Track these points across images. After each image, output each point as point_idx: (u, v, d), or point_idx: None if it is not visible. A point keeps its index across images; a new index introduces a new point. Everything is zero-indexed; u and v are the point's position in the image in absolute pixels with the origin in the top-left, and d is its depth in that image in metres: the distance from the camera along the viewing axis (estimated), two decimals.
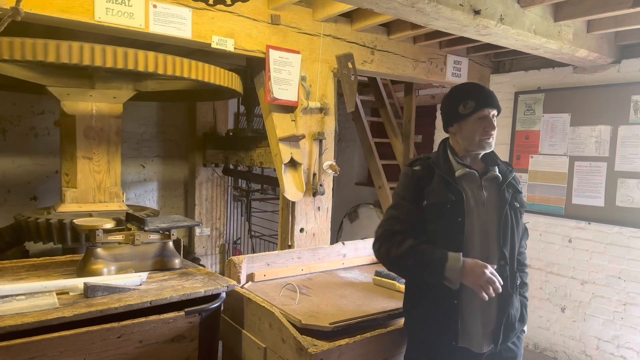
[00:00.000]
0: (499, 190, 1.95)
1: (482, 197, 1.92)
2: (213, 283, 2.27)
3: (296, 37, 3.34)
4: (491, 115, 1.93)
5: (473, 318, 1.88)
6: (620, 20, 3.16)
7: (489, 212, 1.92)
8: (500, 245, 1.91)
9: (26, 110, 4.26)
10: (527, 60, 4.44)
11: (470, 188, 1.92)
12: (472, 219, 1.89)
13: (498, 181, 1.96)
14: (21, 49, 2.35)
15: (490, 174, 1.95)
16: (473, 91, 1.97)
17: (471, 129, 1.93)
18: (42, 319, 1.75)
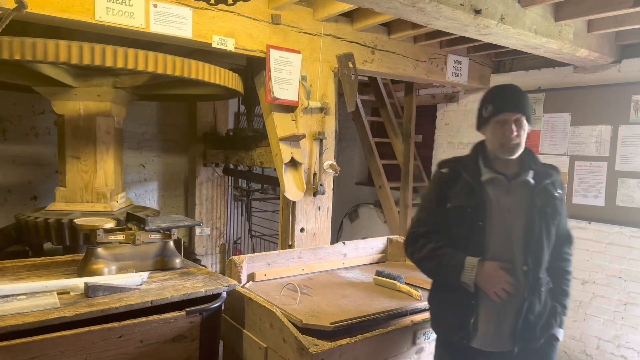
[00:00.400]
0: (529, 195, 1.90)
1: (508, 202, 1.90)
2: (214, 283, 2.27)
3: (297, 36, 3.34)
4: (513, 120, 1.86)
5: (487, 319, 1.90)
6: (620, 20, 3.16)
7: (516, 216, 1.89)
8: (525, 251, 1.88)
9: (27, 110, 4.26)
10: (527, 60, 4.44)
11: (495, 192, 1.91)
12: (494, 223, 1.89)
13: (529, 186, 1.91)
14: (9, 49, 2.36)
15: (520, 179, 1.91)
16: (495, 94, 1.95)
17: (492, 133, 1.92)
18: (43, 318, 1.75)
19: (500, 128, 1.88)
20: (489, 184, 1.91)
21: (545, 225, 1.89)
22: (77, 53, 2.48)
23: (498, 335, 1.90)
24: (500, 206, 1.89)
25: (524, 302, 1.86)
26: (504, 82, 4.53)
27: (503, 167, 1.94)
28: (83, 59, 2.49)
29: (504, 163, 1.94)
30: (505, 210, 1.89)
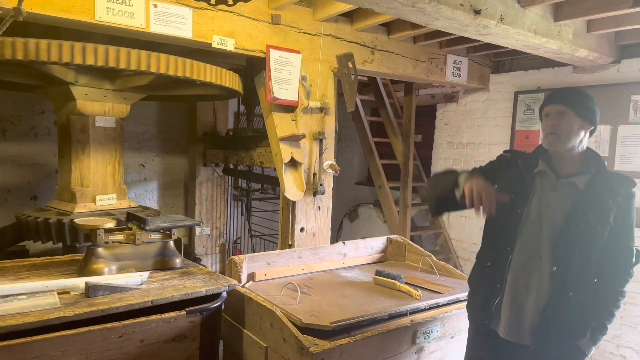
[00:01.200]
0: (574, 198, 1.88)
1: (550, 197, 1.92)
2: (214, 282, 2.27)
3: (296, 36, 3.34)
4: (555, 112, 1.90)
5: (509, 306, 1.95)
6: (620, 20, 3.17)
7: (554, 214, 1.90)
8: (556, 251, 1.88)
9: (26, 109, 4.26)
10: (527, 60, 4.45)
11: (541, 186, 1.95)
12: (531, 215, 1.94)
13: (575, 188, 1.90)
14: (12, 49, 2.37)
15: (569, 180, 1.91)
16: (551, 91, 2.07)
17: (542, 126, 1.99)
18: (43, 318, 1.76)
19: (546, 120, 1.94)
20: (538, 177, 1.96)
21: (584, 231, 1.85)
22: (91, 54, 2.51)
23: (518, 326, 1.94)
24: (541, 200, 1.93)
25: (548, 300, 1.88)
26: (503, 82, 4.57)
27: (559, 165, 1.94)
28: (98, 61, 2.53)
29: (561, 160, 1.94)
30: (545, 205, 1.92)
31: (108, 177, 3.35)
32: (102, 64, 2.53)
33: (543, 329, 1.88)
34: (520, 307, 1.93)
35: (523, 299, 1.93)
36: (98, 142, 3.27)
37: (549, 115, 1.93)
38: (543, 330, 1.89)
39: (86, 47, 2.49)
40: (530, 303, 1.92)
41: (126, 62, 2.60)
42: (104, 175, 3.32)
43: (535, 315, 1.90)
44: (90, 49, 2.50)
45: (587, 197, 1.87)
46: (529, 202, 1.93)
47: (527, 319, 1.92)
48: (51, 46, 2.42)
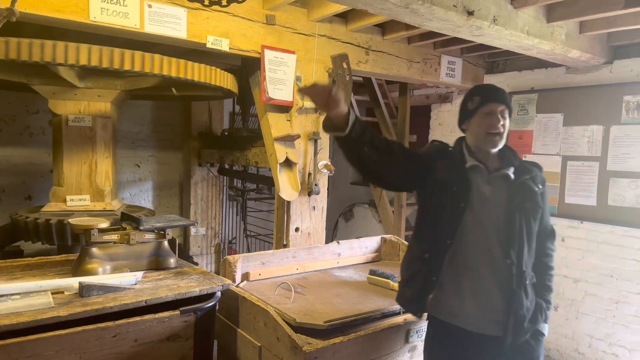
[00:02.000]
0: (508, 189, 1.96)
1: (487, 190, 1.96)
2: (208, 282, 2.28)
3: (291, 37, 3.35)
4: (498, 111, 1.95)
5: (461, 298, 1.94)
6: (612, 21, 3.19)
7: (494, 208, 1.94)
8: (506, 244, 1.91)
9: (21, 109, 4.25)
10: (520, 61, 4.47)
11: (476, 180, 1.97)
12: (474, 209, 1.94)
13: (508, 180, 1.97)
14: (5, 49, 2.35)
15: (501, 172, 1.98)
16: (481, 88, 2.07)
17: (478, 124, 1.98)
18: (37, 318, 1.76)
19: (487, 118, 1.95)
20: (471, 171, 1.98)
21: (526, 220, 1.94)
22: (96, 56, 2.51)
23: (485, 318, 1.92)
24: (480, 193, 1.95)
25: (512, 294, 1.90)
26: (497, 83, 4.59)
27: (484, 159, 2.00)
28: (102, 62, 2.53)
29: (485, 156, 2.01)
30: (484, 198, 1.95)
31: (83, 178, 3.29)
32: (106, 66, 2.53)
33: (516, 325, 1.90)
34: (484, 299, 1.92)
35: (485, 292, 1.92)
36: (72, 141, 3.23)
37: (493, 113, 1.95)
38: (516, 327, 1.90)
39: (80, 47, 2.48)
40: (494, 295, 1.91)
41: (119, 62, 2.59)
42: (79, 176, 3.27)
43: (502, 307, 1.91)
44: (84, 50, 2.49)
45: (519, 188, 1.96)
46: (471, 195, 1.93)
47: (494, 310, 1.92)
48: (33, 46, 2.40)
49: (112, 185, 3.43)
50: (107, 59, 2.54)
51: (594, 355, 3.93)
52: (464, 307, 1.93)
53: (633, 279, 3.71)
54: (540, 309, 1.99)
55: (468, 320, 1.93)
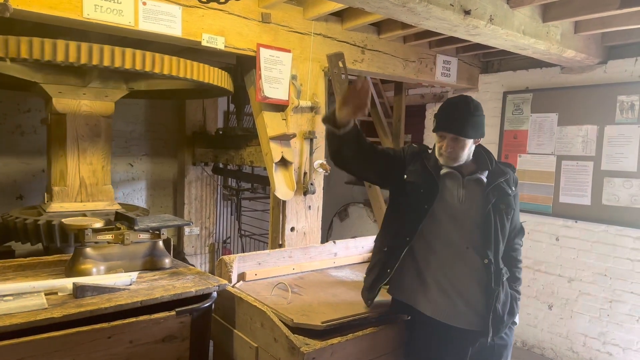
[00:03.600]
0: (482, 192, 2.08)
1: (461, 193, 2.07)
2: (204, 282, 2.25)
3: (287, 35, 3.33)
4: (449, 137, 2.05)
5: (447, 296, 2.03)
6: (607, 22, 3.21)
7: (469, 210, 2.06)
8: (482, 244, 2.03)
9: (12, 108, 4.19)
10: (515, 61, 4.49)
11: (450, 185, 2.08)
12: (447, 212, 2.05)
13: (482, 183, 2.09)
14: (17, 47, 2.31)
15: (474, 176, 2.09)
16: (442, 110, 2.12)
17: (436, 142, 2.12)
18: (30, 319, 1.73)
19: (440, 140, 2.09)
20: (446, 177, 2.09)
21: (500, 220, 2.06)
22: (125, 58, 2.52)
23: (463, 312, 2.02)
24: (454, 196, 2.06)
25: (491, 293, 2.01)
26: (492, 82, 4.60)
27: (459, 167, 2.11)
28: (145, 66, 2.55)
29: (460, 165, 2.12)
30: (457, 200, 2.06)
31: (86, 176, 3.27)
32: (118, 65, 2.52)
33: (496, 320, 2.01)
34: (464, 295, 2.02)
35: (464, 288, 2.03)
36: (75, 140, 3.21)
37: (444, 138, 2.06)
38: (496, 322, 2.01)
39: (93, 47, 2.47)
40: (473, 291, 2.03)
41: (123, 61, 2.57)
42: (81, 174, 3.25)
43: (482, 303, 2.02)
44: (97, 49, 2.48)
45: (494, 190, 2.07)
46: (439, 201, 2.04)
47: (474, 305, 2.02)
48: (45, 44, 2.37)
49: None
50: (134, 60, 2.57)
51: (588, 354, 3.95)
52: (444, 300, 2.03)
53: (627, 278, 3.73)
54: (515, 300, 2.12)
55: (449, 314, 2.02)
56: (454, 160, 2.06)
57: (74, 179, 3.21)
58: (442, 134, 2.07)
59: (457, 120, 2.05)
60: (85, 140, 3.23)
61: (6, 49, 2.29)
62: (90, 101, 3.18)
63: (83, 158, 3.23)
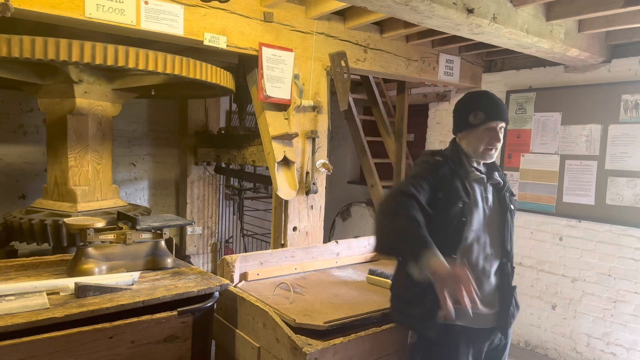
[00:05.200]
0: (500, 194, 2.08)
1: (489, 199, 2.05)
2: (206, 282, 2.25)
3: (289, 34, 3.32)
4: (499, 128, 2.02)
5: None
6: (611, 20, 3.19)
7: (493, 214, 2.05)
8: (503, 245, 2.05)
9: (14, 107, 4.20)
10: (518, 60, 4.47)
11: (479, 190, 2.04)
12: (479, 218, 2.01)
13: (499, 186, 2.09)
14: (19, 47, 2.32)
15: (494, 178, 2.08)
16: (485, 102, 2.05)
17: (478, 139, 2.03)
18: (32, 319, 1.72)
19: (488, 134, 2.01)
20: (474, 182, 2.04)
21: (512, 221, 2.10)
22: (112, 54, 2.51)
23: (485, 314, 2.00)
24: (483, 203, 2.03)
25: (509, 292, 2.05)
26: (495, 81, 4.58)
27: (481, 167, 2.10)
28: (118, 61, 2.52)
29: (478, 164, 2.10)
30: (487, 207, 2.04)
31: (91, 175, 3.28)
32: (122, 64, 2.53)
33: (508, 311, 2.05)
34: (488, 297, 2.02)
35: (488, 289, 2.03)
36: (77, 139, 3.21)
37: (494, 130, 2.00)
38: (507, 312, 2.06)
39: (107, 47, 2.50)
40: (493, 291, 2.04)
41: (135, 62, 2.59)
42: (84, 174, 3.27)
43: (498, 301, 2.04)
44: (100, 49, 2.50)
45: (507, 191, 2.10)
46: (474, 210, 1.98)
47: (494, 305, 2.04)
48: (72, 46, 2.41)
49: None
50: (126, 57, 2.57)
51: (592, 354, 3.93)
52: None
53: (631, 278, 3.71)
54: (516, 293, 2.14)
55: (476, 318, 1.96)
56: (493, 156, 2.04)
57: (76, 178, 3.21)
58: (494, 125, 1.99)
59: (505, 109, 2.05)
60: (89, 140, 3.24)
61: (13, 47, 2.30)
62: (95, 101, 3.19)
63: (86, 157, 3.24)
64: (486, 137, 2.00)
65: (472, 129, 2.03)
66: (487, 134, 2.00)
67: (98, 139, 3.27)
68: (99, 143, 3.27)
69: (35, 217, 2.98)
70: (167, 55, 2.73)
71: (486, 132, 2.00)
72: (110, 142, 3.38)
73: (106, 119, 3.31)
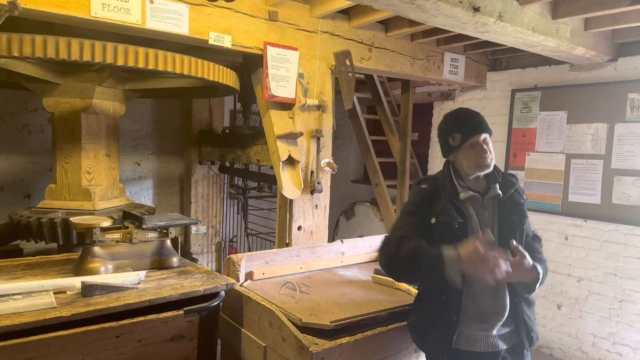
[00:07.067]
0: (499, 206, 2.02)
1: (485, 216, 1.99)
2: (212, 281, 2.25)
3: (294, 33, 3.31)
4: (481, 140, 1.98)
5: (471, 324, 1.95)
6: (617, 18, 3.17)
7: (494, 231, 1.97)
8: None
9: (19, 107, 4.21)
10: (523, 58, 4.45)
11: (475, 209, 1.99)
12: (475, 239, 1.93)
13: (499, 198, 2.03)
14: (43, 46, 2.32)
15: (491, 192, 2.03)
16: (459, 121, 2.05)
17: (466, 158, 2.01)
18: (39, 318, 1.73)
19: (473, 151, 1.98)
20: (468, 202, 1.99)
21: (513, 232, 1.98)
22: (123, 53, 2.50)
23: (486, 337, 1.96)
24: (480, 221, 1.98)
25: (515, 306, 1.96)
26: (500, 80, 4.57)
27: (475, 184, 2.04)
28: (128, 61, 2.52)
29: (475, 181, 2.04)
30: (484, 225, 1.97)
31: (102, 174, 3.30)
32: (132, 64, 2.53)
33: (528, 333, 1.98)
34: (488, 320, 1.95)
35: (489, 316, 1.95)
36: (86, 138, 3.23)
37: (477, 144, 1.97)
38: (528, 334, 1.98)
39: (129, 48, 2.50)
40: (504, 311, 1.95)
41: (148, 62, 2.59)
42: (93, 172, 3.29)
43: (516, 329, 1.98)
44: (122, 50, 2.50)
45: (506, 202, 2.02)
46: (470, 229, 1.94)
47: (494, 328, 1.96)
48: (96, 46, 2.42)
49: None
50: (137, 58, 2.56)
51: (598, 354, 3.92)
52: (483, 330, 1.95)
53: (637, 277, 3.70)
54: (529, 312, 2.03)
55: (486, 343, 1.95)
56: (489, 165, 1.99)
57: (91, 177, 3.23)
58: (474, 141, 1.97)
59: (480, 120, 2.02)
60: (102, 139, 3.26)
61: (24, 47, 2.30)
62: (108, 101, 3.21)
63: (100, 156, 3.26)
64: (472, 154, 1.98)
65: (455, 151, 2.02)
66: (471, 151, 1.98)
67: (110, 138, 3.29)
68: (110, 142, 3.29)
69: (54, 216, 2.98)
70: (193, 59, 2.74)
71: (470, 150, 1.98)
72: (117, 141, 3.39)
73: (114, 118, 3.33)
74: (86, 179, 3.20)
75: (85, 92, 3.08)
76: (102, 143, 3.24)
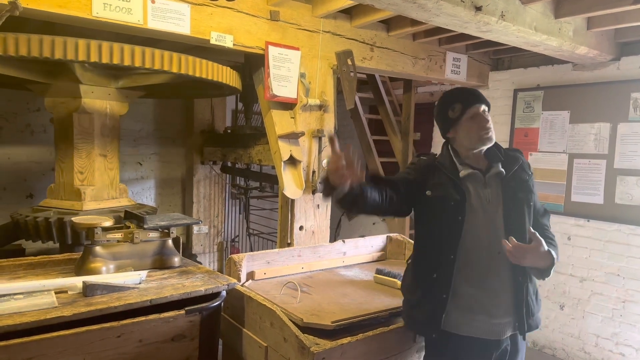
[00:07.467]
0: (502, 184, 1.97)
1: (487, 194, 1.95)
2: (213, 281, 2.24)
3: (295, 33, 3.31)
4: (481, 111, 1.96)
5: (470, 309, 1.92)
6: (620, 18, 3.16)
7: (496, 207, 1.94)
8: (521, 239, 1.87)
9: (22, 107, 4.22)
10: (526, 58, 4.44)
11: (474, 187, 1.96)
12: (478, 216, 1.92)
13: (502, 176, 1.97)
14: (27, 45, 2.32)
15: (493, 170, 1.98)
16: (456, 94, 2.04)
17: (466, 130, 1.97)
18: (40, 318, 1.73)
19: (474, 121, 1.95)
20: (468, 180, 1.96)
21: (520, 209, 1.94)
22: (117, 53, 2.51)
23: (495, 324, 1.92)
24: (481, 199, 1.94)
25: (520, 287, 1.92)
26: (503, 80, 4.55)
27: (475, 162, 2.00)
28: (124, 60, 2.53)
29: (475, 159, 2.00)
30: (486, 202, 1.94)
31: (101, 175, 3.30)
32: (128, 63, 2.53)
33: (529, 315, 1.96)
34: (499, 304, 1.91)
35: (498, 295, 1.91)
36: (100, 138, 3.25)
37: (478, 114, 1.95)
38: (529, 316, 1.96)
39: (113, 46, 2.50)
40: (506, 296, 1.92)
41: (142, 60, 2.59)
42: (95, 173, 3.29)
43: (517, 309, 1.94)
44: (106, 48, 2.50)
45: (512, 180, 1.97)
46: (469, 207, 1.91)
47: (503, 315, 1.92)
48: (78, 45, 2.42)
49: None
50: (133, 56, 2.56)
51: (601, 355, 3.90)
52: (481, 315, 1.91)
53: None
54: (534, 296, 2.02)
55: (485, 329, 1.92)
56: (492, 138, 1.95)
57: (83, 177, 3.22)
58: (474, 111, 1.94)
59: (479, 93, 2.00)
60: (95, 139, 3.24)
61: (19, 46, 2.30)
62: (101, 100, 3.20)
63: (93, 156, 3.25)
64: (473, 125, 1.94)
65: (455, 123, 1.99)
66: (472, 122, 1.95)
67: (105, 138, 3.28)
68: (106, 142, 3.29)
69: (48, 215, 2.99)
70: (173, 54, 2.73)
71: (471, 121, 1.95)
72: (117, 141, 3.39)
73: (112, 117, 3.33)
74: (78, 178, 3.19)
75: (75, 92, 3.07)
76: (95, 143, 3.21)
